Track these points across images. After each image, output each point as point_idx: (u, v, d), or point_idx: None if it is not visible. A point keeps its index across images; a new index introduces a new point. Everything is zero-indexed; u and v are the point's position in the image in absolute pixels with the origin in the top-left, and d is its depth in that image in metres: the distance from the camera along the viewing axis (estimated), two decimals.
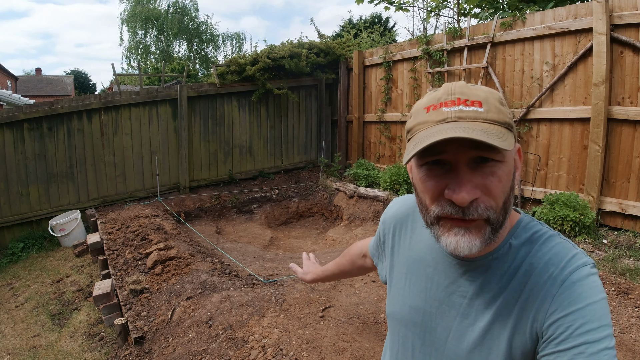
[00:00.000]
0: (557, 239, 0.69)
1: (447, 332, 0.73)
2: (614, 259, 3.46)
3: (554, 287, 0.63)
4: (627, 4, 3.73)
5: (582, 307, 0.60)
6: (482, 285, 0.70)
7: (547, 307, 0.63)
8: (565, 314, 0.61)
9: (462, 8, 7.03)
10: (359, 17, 18.42)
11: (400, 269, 0.84)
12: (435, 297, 0.75)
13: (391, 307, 0.85)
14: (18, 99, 10.27)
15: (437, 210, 0.65)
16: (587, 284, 0.63)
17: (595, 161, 4.00)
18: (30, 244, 5.36)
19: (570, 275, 0.63)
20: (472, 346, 0.69)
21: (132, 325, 2.96)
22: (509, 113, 0.65)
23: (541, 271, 0.66)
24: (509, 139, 0.61)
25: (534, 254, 0.68)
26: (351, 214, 5.90)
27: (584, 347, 0.58)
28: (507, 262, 0.69)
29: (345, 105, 7.37)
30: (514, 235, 0.70)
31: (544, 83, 4.45)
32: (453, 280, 0.73)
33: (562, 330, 0.60)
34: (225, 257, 4.29)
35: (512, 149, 0.63)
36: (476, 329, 0.69)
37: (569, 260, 0.65)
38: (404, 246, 0.85)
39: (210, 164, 6.75)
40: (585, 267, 0.64)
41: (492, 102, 0.63)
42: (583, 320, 0.59)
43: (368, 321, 2.73)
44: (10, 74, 29.69)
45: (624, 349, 2.42)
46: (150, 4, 22.64)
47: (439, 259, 0.76)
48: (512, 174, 0.66)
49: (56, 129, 5.55)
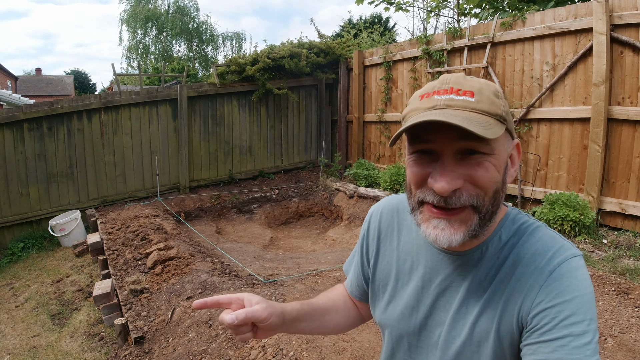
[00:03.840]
0: (544, 230, 0.69)
1: (440, 327, 0.73)
2: (614, 259, 3.46)
3: (541, 278, 0.63)
4: (627, 4, 3.73)
5: (569, 299, 0.60)
6: (473, 279, 0.70)
7: (533, 297, 0.62)
8: (552, 305, 0.60)
9: (462, 8, 7.04)
10: (359, 17, 18.43)
11: (387, 274, 0.83)
12: (428, 294, 0.75)
13: (381, 314, 0.83)
14: (18, 99, 10.28)
15: (420, 196, 0.66)
16: (576, 276, 0.62)
17: (595, 161, 4.00)
18: (30, 244, 5.37)
19: (559, 266, 0.63)
20: (463, 341, 0.69)
21: (132, 325, 2.96)
22: (504, 106, 0.64)
23: (528, 261, 0.65)
24: (494, 129, 0.60)
25: (521, 245, 0.68)
26: (351, 214, 5.90)
27: (567, 339, 0.57)
28: (496, 254, 0.69)
29: (345, 105, 7.38)
30: (502, 228, 0.70)
31: (544, 83, 4.45)
32: (445, 276, 0.73)
33: (547, 320, 0.60)
34: (225, 257, 4.29)
35: (503, 143, 0.64)
36: (467, 323, 0.69)
37: (557, 251, 0.65)
38: (390, 250, 0.83)
39: (210, 164, 6.75)
40: (573, 259, 0.64)
41: (486, 94, 0.62)
42: (569, 312, 0.59)
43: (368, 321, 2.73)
44: (10, 74, 29.69)
45: (624, 349, 2.42)
46: (150, 4, 22.66)
47: (429, 255, 0.76)
48: (502, 168, 0.65)
49: (56, 129, 5.55)
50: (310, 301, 0.89)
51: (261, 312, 0.71)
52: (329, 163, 7.47)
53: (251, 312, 0.70)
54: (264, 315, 0.71)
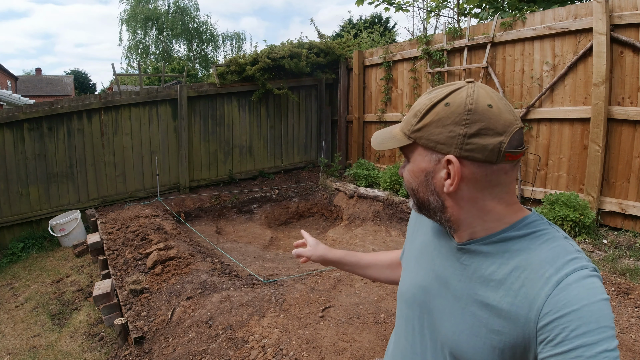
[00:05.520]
0: (561, 241, 0.68)
1: (441, 314, 0.76)
2: (614, 259, 3.46)
3: (548, 287, 0.62)
4: (627, 4, 3.73)
5: (577, 308, 0.59)
6: (474, 271, 0.73)
7: (539, 306, 0.62)
8: (560, 315, 0.60)
9: (462, 8, 7.04)
10: (359, 17, 18.43)
11: (413, 252, 0.92)
12: (437, 278, 0.80)
13: (401, 286, 0.92)
14: (18, 99, 10.28)
15: None
16: (584, 285, 0.61)
17: (595, 161, 4.00)
18: (30, 244, 5.36)
19: (567, 277, 0.62)
20: (461, 330, 0.71)
21: (132, 325, 2.96)
22: (414, 121, 0.73)
23: (536, 268, 0.65)
24: (389, 143, 0.77)
25: (532, 249, 0.68)
26: (351, 214, 5.90)
27: (580, 350, 0.57)
28: (500, 251, 0.70)
29: (345, 105, 7.38)
30: (513, 229, 0.71)
31: (544, 83, 4.45)
32: (452, 264, 0.78)
33: (557, 332, 0.59)
34: (225, 257, 4.29)
35: (422, 155, 0.74)
36: (466, 313, 0.71)
37: (567, 263, 0.64)
38: (420, 231, 0.92)
39: (210, 164, 6.75)
40: (584, 270, 0.63)
41: (409, 113, 0.76)
42: (579, 322, 0.58)
43: (368, 321, 2.73)
44: (10, 74, 29.69)
45: (624, 349, 2.42)
46: (150, 4, 22.67)
47: (442, 242, 0.82)
48: (420, 174, 0.75)
49: (56, 129, 5.55)
50: (357, 254, 1.18)
51: (304, 252, 1.18)
52: (329, 163, 7.47)
53: (300, 252, 1.19)
54: (307, 254, 1.18)
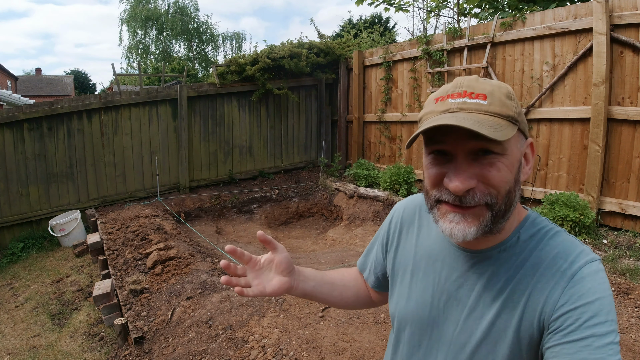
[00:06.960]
0: (565, 235, 0.71)
1: (454, 326, 0.74)
2: (614, 259, 3.46)
3: (564, 280, 0.65)
4: (627, 4, 3.73)
5: (591, 301, 0.61)
6: (490, 278, 0.71)
7: (556, 299, 0.64)
8: (575, 306, 0.62)
9: (462, 8, 7.04)
10: (359, 17, 18.44)
11: (404, 267, 0.86)
12: (443, 291, 0.76)
13: (395, 305, 0.86)
14: (18, 99, 10.28)
15: (437, 195, 0.69)
16: (597, 279, 0.64)
17: (595, 161, 3.99)
18: (30, 244, 5.36)
19: (581, 269, 0.65)
20: (479, 339, 0.70)
21: (132, 325, 2.96)
22: (515, 107, 0.66)
23: (550, 264, 0.67)
24: (505, 131, 0.62)
25: (542, 247, 0.70)
26: (351, 214, 5.90)
27: (590, 339, 0.59)
28: (515, 254, 0.71)
29: (345, 105, 7.37)
30: (522, 229, 0.72)
31: (544, 83, 4.45)
32: (461, 274, 0.75)
33: (570, 322, 0.61)
34: (225, 257, 4.30)
35: (516, 143, 0.66)
36: (483, 322, 0.70)
37: (578, 255, 0.67)
38: (409, 244, 0.87)
39: (210, 164, 6.75)
40: (594, 263, 0.66)
41: (498, 96, 0.65)
42: (592, 314, 0.60)
43: (368, 321, 2.73)
44: (10, 74, 29.68)
45: (624, 349, 2.42)
46: (150, 4, 22.64)
47: (447, 252, 0.78)
48: (515, 167, 0.67)
49: (56, 129, 5.55)
50: (323, 272, 0.98)
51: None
52: (329, 163, 7.47)
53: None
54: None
